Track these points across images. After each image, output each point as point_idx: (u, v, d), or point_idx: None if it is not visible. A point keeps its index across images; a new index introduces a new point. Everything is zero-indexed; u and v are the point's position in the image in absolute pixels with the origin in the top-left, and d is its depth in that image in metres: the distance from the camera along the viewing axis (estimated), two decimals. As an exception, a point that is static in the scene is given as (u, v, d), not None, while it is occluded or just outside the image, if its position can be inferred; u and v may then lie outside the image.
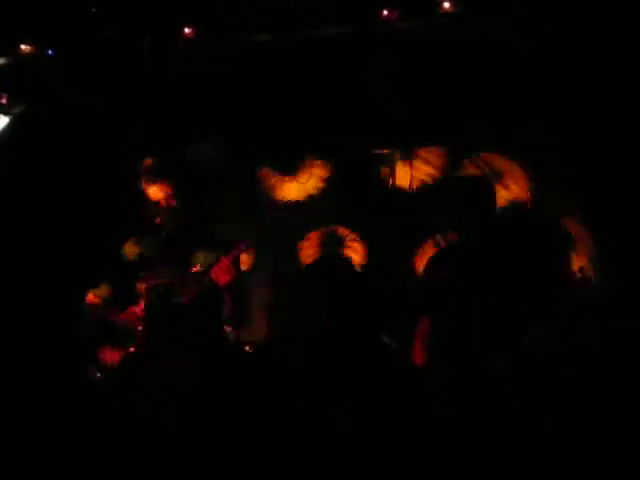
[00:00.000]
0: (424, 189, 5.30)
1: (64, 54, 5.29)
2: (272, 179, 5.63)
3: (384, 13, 4.60)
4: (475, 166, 5.01)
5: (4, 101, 5.59)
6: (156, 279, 3.94)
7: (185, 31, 4.94)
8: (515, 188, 4.97)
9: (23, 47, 5.27)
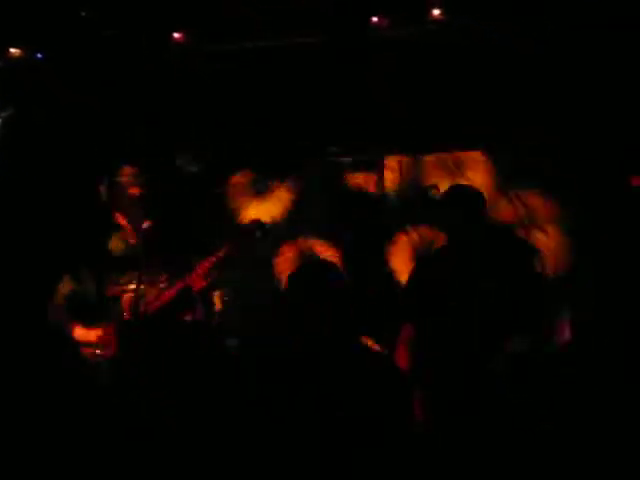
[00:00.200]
0: (408, 195, 5.30)
1: (54, 57, 5.23)
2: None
3: (374, 20, 4.61)
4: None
5: (-6, 105, 5.52)
6: (127, 284, 3.91)
7: (181, 33, 4.91)
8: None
9: (12, 51, 5.22)
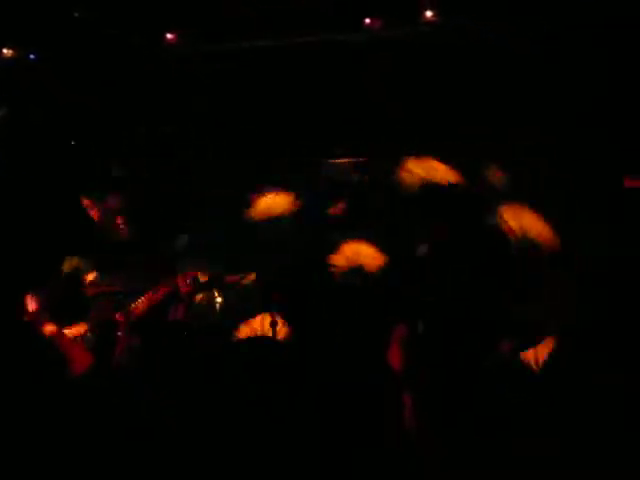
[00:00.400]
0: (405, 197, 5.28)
1: (48, 57, 5.20)
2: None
3: (367, 22, 4.60)
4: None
5: (-12, 105, 5.49)
6: (104, 286, 3.90)
7: (175, 33, 4.89)
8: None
9: (5, 51, 5.19)
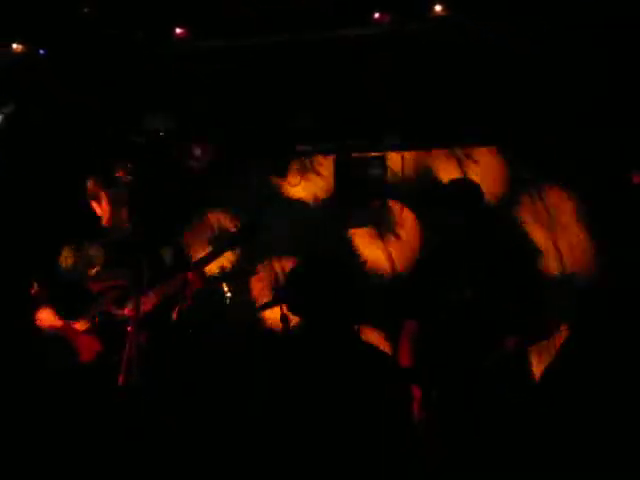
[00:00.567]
0: (415, 190, 5.31)
1: (57, 54, 5.26)
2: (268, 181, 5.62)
3: (375, 16, 4.61)
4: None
5: (-5, 100, 5.55)
6: (107, 282, 3.89)
7: (178, 30, 4.92)
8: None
9: (15, 46, 5.25)
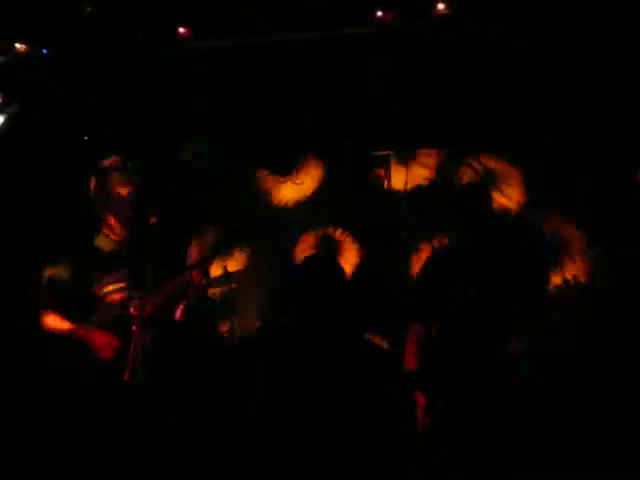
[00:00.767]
0: (419, 192, 5.31)
1: (59, 54, 5.28)
2: (268, 180, 5.63)
3: (378, 15, 4.60)
4: (470, 168, 5.02)
5: (0, 101, 5.58)
6: (112, 283, 3.87)
7: (181, 30, 4.94)
8: (509, 192, 4.98)
9: (18, 46, 5.27)
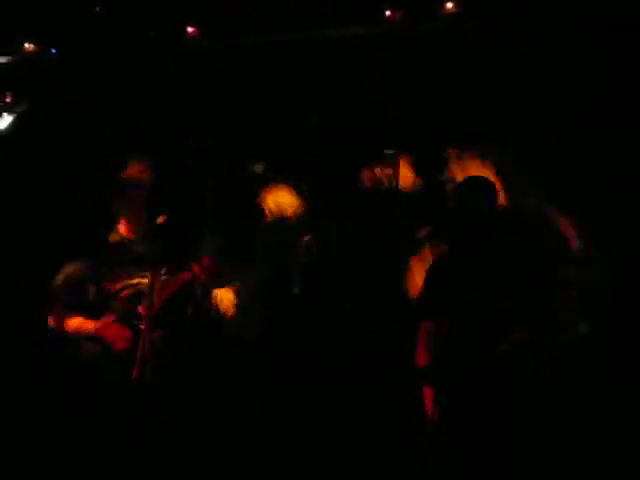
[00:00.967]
0: (425, 190, 5.31)
1: (67, 54, 5.35)
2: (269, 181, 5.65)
3: (387, 14, 4.61)
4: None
5: (8, 100, 5.65)
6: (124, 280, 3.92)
7: (189, 30, 4.99)
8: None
9: (27, 46, 5.34)
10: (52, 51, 5.42)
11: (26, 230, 5.31)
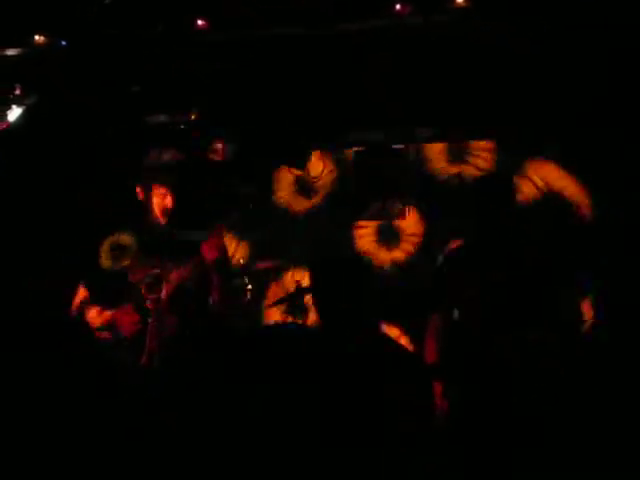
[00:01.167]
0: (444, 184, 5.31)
1: (75, 48, 5.37)
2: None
3: (397, 8, 4.60)
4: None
5: (18, 92, 5.68)
6: (144, 271, 3.96)
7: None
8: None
9: (37, 38, 5.37)
10: (62, 43, 5.43)
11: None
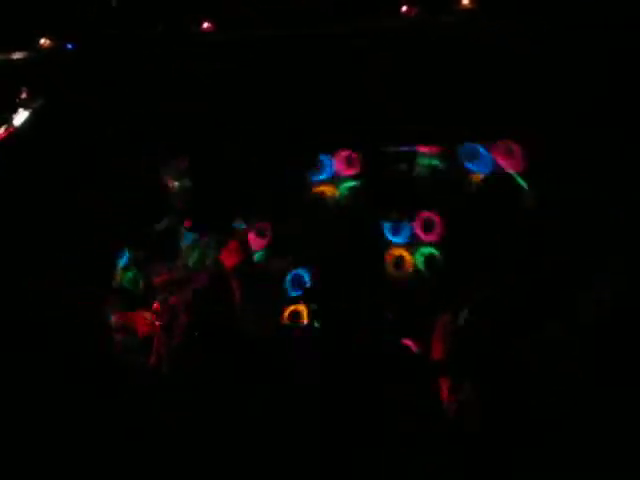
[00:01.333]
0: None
1: (81, 50, 5.42)
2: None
3: (403, 9, 4.63)
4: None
5: (24, 95, 5.72)
6: (166, 274, 4.05)
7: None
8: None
9: (42, 41, 5.43)
10: (68, 46, 5.48)
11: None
